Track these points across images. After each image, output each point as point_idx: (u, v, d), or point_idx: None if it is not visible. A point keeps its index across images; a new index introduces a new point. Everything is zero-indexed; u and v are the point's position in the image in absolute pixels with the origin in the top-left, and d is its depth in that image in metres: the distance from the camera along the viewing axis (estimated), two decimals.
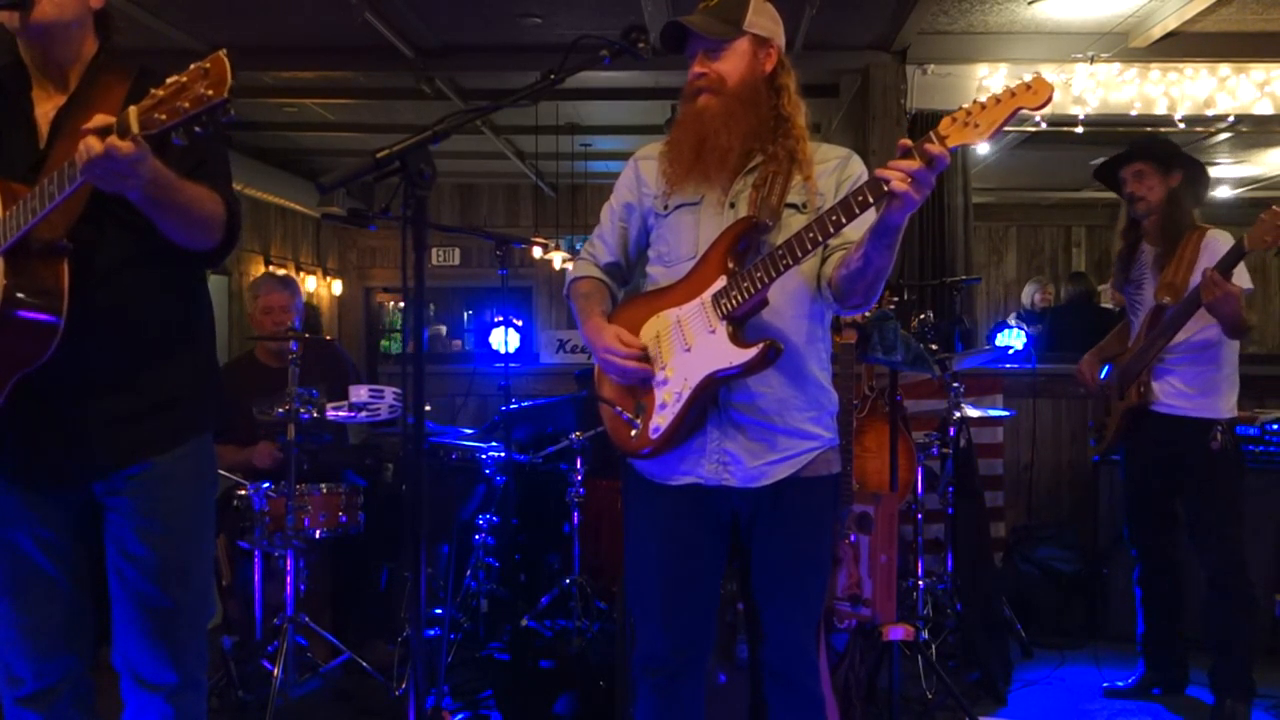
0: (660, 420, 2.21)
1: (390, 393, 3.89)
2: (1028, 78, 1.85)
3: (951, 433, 4.20)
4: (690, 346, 2.18)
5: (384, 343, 11.82)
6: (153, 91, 1.66)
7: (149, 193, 1.83)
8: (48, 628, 2.08)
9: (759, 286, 2.08)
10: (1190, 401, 3.66)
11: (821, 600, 2.40)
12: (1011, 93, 1.83)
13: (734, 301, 2.12)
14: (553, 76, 2.01)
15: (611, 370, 2.28)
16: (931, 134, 1.87)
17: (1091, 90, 6.14)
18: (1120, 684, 3.98)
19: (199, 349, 2.20)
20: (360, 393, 3.85)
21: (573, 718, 3.49)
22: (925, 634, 3.89)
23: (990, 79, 6.15)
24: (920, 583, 4.02)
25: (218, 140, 2.11)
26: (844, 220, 1.97)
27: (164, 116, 1.65)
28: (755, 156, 2.24)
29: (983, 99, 1.86)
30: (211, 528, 2.25)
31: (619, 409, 2.29)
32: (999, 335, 7.78)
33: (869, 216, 2.01)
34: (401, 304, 11.68)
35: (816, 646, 2.34)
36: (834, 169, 2.25)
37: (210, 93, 1.61)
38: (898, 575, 3.71)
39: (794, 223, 2.12)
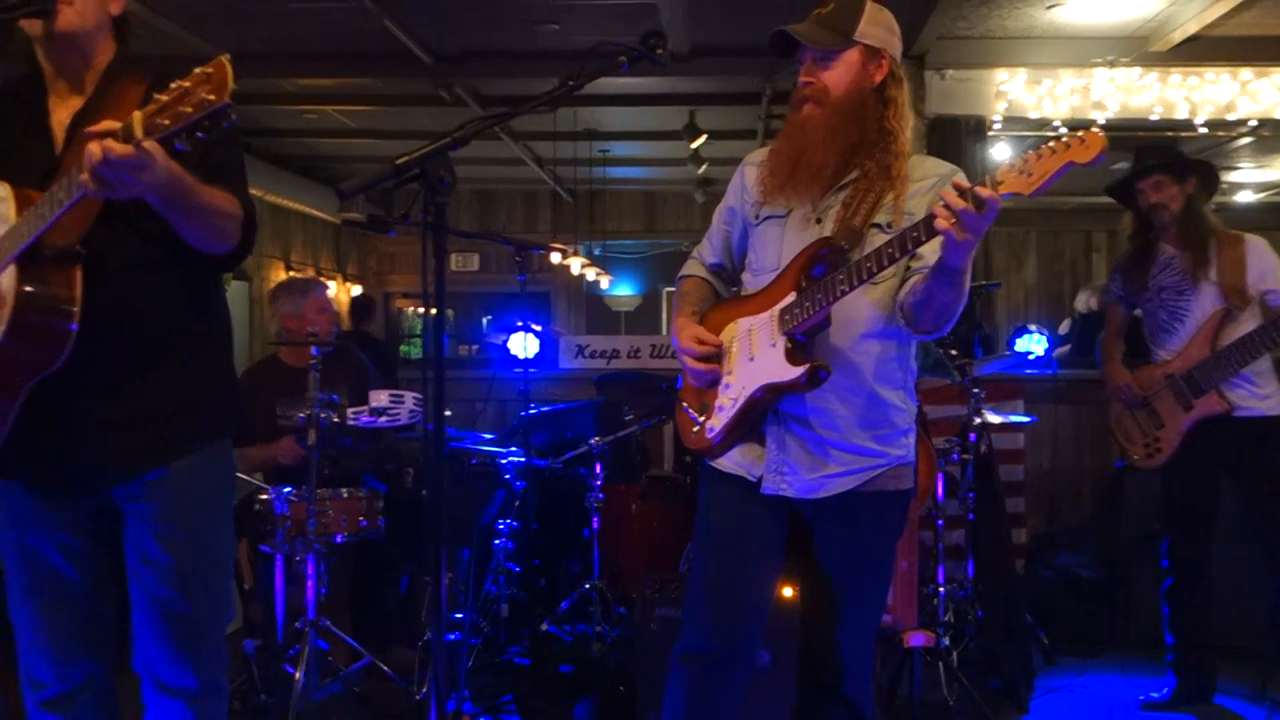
0: (716, 422, 2.27)
1: (410, 397, 3.90)
2: (1075, 132, 1.81)
3: (972, 438, 4.18)
4: (754, 356, 2.22)
5: (404, 348, 11.86)
6: (156, 96, 1.66)
7: (165, 195, 1.83)
8: (69, 632, 2.09)
9: (818, 308, 2.10)
10: (1266, 401, 3.69)
11: (879, 614, 2.39)
12: (1066, 144, 1.81)
13: (796, 318, 2.14)
14: (571, 82, 2.02)
15: (688, 370, 2.35)
16: (986, 178, 1.85)
17: (1111, 95, 6.11)
18: (1155, 695, 3.94)
19: (216, 354, 2.20)
20: (380, 397, 3.86)
21: None
22: (946, 641, 3.86)
23: (1009, 84, 6.12)
24: (941, 589, 4.00)
25: (234, 144, 2.12)
26: (898, 255, 1.98)
27: (167, 121, 1.64)
28: (851, 171, 2.22)
29: (1038, 149, 1.83)
30: (230, 532, 2.25)
31: (687, 406, 2.38)
32: (1019, 341, 7.74)
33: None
34: (421, 309, 11.73)
35: (871, 658, 2.34)
36: (930, 187, 2.20)
37: (212, 97, 1.60)
38: (918, 582, 3.70)
39: (876, 242, 2.09)
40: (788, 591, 2.85)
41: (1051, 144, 1.83)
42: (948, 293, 2.02)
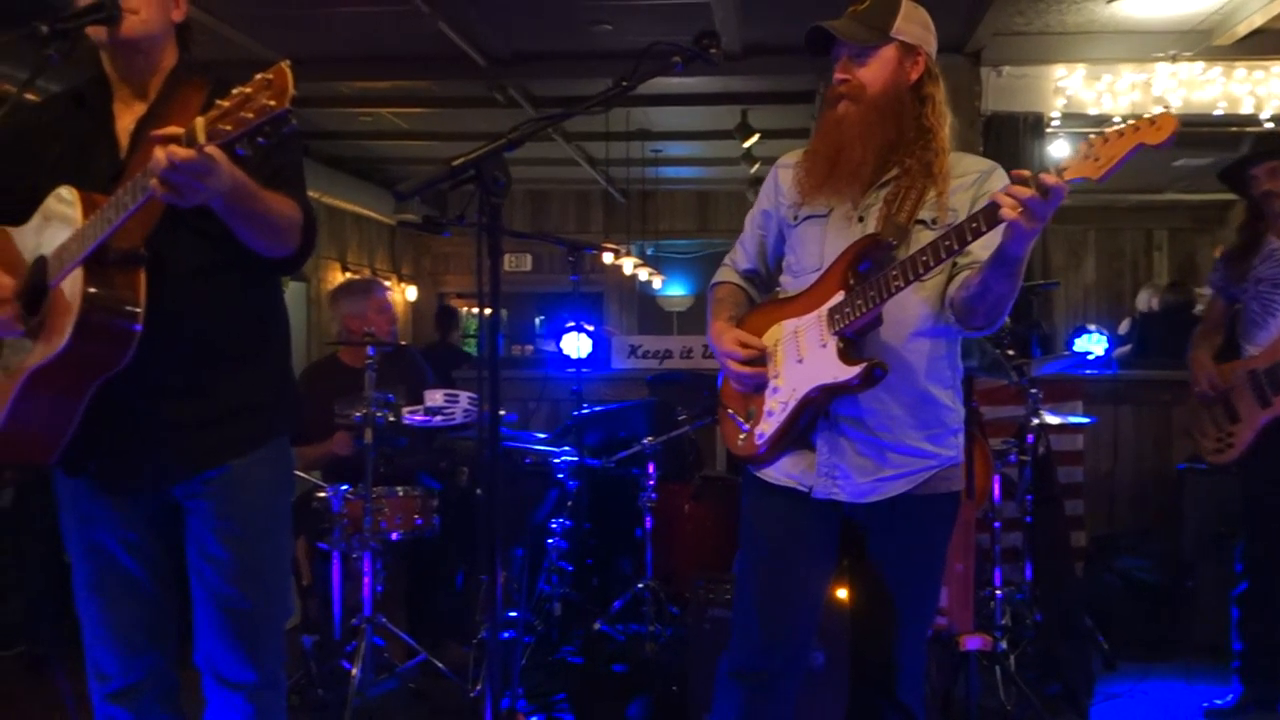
0: (766, 427, 2.22)
1: (465, 397, 3.93)
2: (1155, 109, 1.78)
3: (1030, 440, 4.12)
4: (803, 358, 2.18)
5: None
6: (218, 103, 1.68)
7: (229, 201, 1.86)
8: (133, 626, 2.13)
9: (871, 305, 2.06)
10: None
11: (932, 617, 2.37)
12: (1135, 127, 1.77)
13: (847, 317, 2.10)
14: (625, 83, 2.01)
15: (729, 374, 2.30)
16: (1053, 167, 1.82)
17: (1173, 90, 5.99)
18: (1219, 703, 3.85)
19: (275, 354, 2.23)
20: (435, 397, 3.90)
21: None
22: (1003, 644, 3.81)
23: (1067, 80, 6.03)
24: (998, 592, 3.95)
25: (294, 148, 2.14)
26: (956, 246, 1.94)
27: (229, 127, 1.66)
28: (891, 169, 2.19)
29: (1105, 132, 1.80)
30: (288, 529, 2.28)
31: (733, 413, 2.32)
32: (1078, 340, 7.63)
33: (997, 236, 1.95)
34: (475, 309, 11.82)
35: (923, 663, 2.31)
36: (972, 183, 2.19)
37: (272, 103, 1.62)
38: (975, 584, 3.66)
39: (922, 239, 2.07)
40: (842, 593, 2.83)
41: (1120, 127, 1.79)
42: (1004, 284, 1.98)
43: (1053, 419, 4.27)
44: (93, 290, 1.88)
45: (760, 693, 2.24)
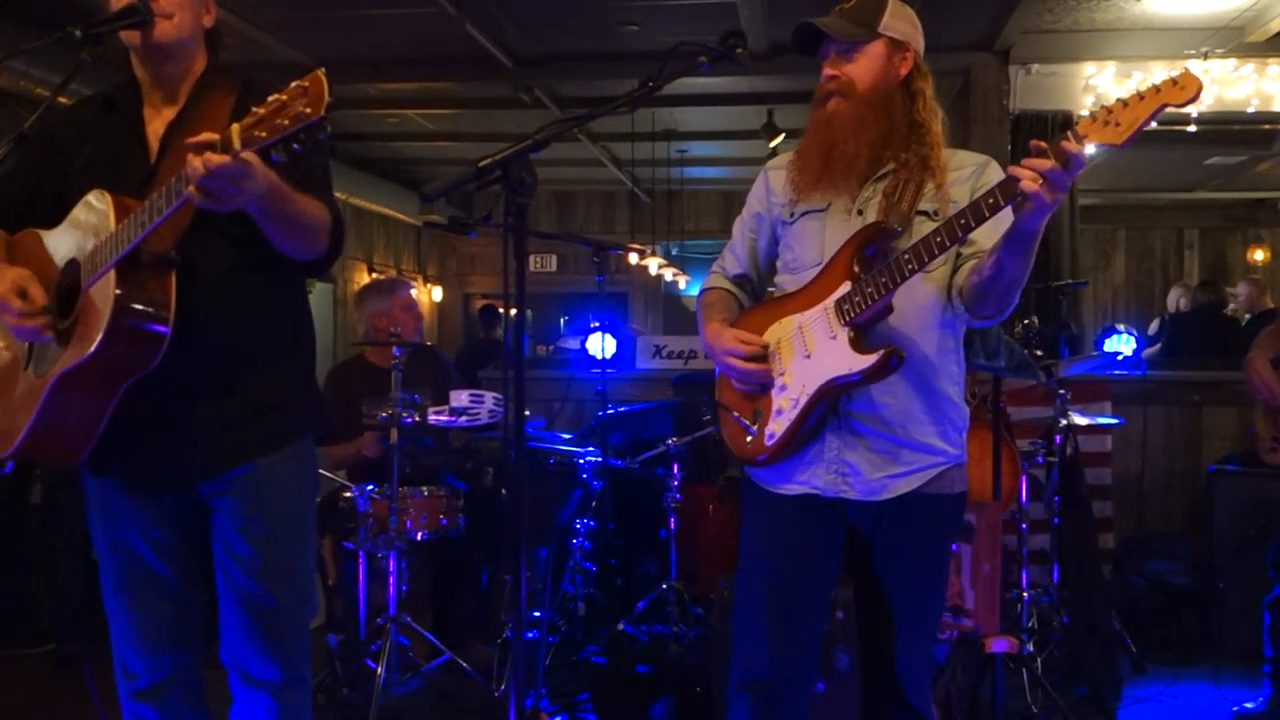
0: (776, 427, 2.16)
1: (490, 397, 3.94)
2: (1170, 73, 1.73)
3: (1058, 441, 4.10)
4: (811, 352, 2.13)
5: None
6: (254, 109, 1.70)
7: (264, 205, 1.88)
8: (160, 625, 2.15)
9: (883, 291, 2.02)
10: None
11: (938, 622, 2.34)
12: (1156, 89, 1.72)
13: (857, 307, 2.05)
14: (651, 84, 2.00)
15: (731, 374, 2.24)
16: (1069, 132, 1.78)
17: (1205, 88, 5.92)
18: (1249, 706, 3.81)
19: (300, 355, 2.25)
20: (461, 397, 3.91)
21: None
22: (1030, 647, 3.78)
23: (1097, 78, 5.98)
24: (1025, 594, 3.92)
25: (323, 152, 2.15)
26: (973, 224, 1.90)
27: (264, 133, 1.68)
28: (887, 163, 2.18)
29: (1124, 95, 1.76)
30: (314, 528, 2.29)
31: (737, 415, 2.26)
32: (1107, 341, 7.56)
33: (1003, 223, 1.93)
34: (500, 309, 11.86)
35: (930, 665, 2.29)
36: (969, 175, 2.17)
37: (308, 110, 1.64)
38: (1001, 586, 3.63)
39: (925, 230, 2.04)
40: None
41: (1140, 89, 1.75)
42: (1018, 264, 1.95)
43: (1081, 420, 4.24)
44: (125, 293, 1.90)
45: (771, 704, 2.21)
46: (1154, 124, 1.75)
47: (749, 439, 2.22)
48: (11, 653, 4.73)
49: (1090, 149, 1.79)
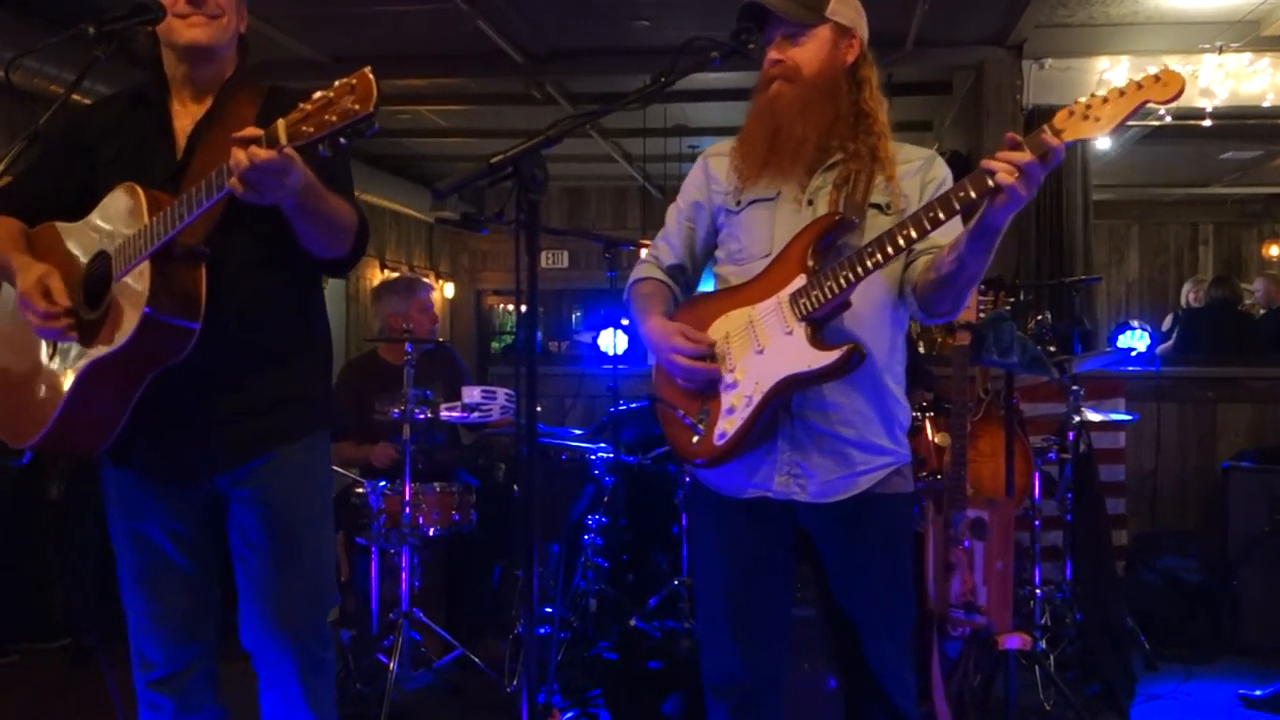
0: (727, 426, 2.06)
1: (502, 394, 3.95)
2: (1153, 69, 1.74)
3: (1070, 437, 4.08)
4: (764, 348, 2.05)
5: (494, 344, 12.01)
6: (301, 105, 1.74)
7: (300, 201, 1.92)
8: (177, 616, 2.18)
9: (843, 285, 1.95)
10: None
11: (910, 618, 2.29)
12: (1138, 85, 1.71)
13: (815, 301, 1.98)
14: (663, 79, 2.00)
15: (677, 372, 2.14)
16: (1045, 127, 1.76)
17: (1220, 82, 5.89)
18: (1259, 693, 3.80)
19: (318, 350, 2.28)
20: (473, 394, 3.92)
21: (681, 719, 3.50)
22: (1043, 644, 3.78)
23: (1111, 72, 5.95)
24: (1038, 591, 3.91)
25: (346, 153, 2.18)
26: (942, 217, 1.86)
27: (311, 129, 1.73)
28: (835, 153, 2.13)
29: (1103, 91, 1.75)
30: (330, 518, 2.32)
31: (683, 413, 2.14)
32: (1121, 337, 7.53)
33: (957, 223, 1.92)
34: (512, 307, 11.86)
35: (909, 663, 2.24)
36: (917, 170, 2.14)
37: (357, 107, 1.69)
38: (1014, 583, 3.62)
39: (878, 224, 2.02)
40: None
41: (1121, 85, 1.73)
42: (979, 261, 1.92)
43: (1094, 416, 4.22)
44: (158, 285, 1.93)
45: (747, 705, 2.18)
46: (1137, 120, 1.75)
47: (696, 439, 2.12)
48: (27, 647, 4.76)
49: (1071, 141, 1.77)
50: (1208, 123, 6.11)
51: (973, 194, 1.82)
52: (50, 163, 2.19)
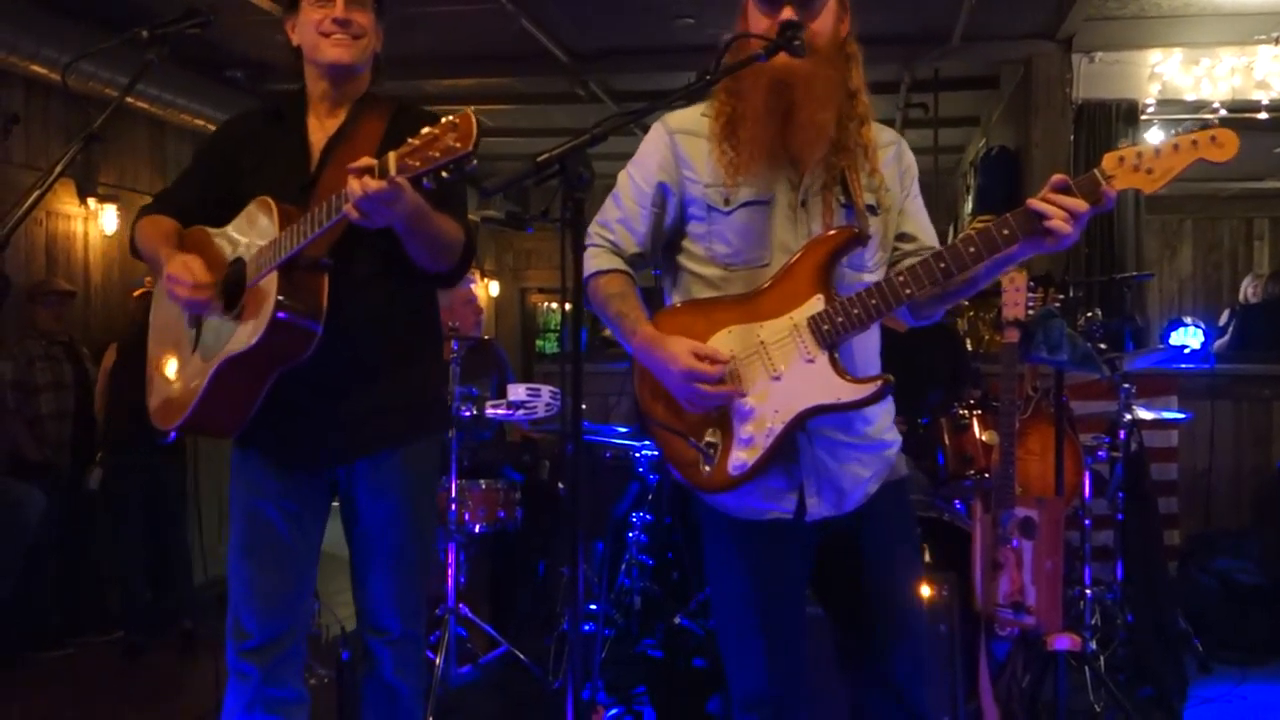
0: (746, 456, 1.92)
1: (547, 391, 3.96)
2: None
3: (1122, 436, 4.03)
4: (781, 374, 1.91)
5: (539, 342, 12.05)
6: (409, 141, 1.88)
7: (408, 224, 2.07)
8: (277, 590, 2.31)
9: (873, 315, 1.88)
10: None
11: (922, 607, 2.24)
12: (1194, 142, 1.72)
13: (841, 329, 1.88)
14: (708, 77, 1.99)
15: (687, 395, 1.93)
16: (1096, 172, 1.75)
17: (1276, 74, 5.78)
18: None
19: (432, 355, 2.47)
20: (518, 391, 3.94)
21: (725, 718, 3.49)
22: (1093, 645, 3.73)
23: (1163, 65, 5.86)
24: (1088, 591, 3.86)
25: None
26: (984, 254, 1.82)
27: (417, 163, 1.86)
28: (829, 145, 1.98)
29: (1157, 145, 1.74)
30: (434, 514, 2.51)
31: (693, 440, 1.96)
32: (1174, 334, 7.41)
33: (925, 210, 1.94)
34: (555, 304, 11.90)
35: (932, 659, 2.21)
36: (894, 157, 2.06)
37: (458, 145, 1.82)
38: (1064, 583, 3.58)
39: (871, 227, 1.96)
40: (926, 590, 2.79)
41: (1177, 140, 1.73)
42: (987, 280, 1.93)
43: (1146, 414, 4.17)
44: (285, 291, 2.10)
45: None
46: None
47: (707, 469, 1.96)
48: (83, 640, 4.86)
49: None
50: (1263, 115, 6.00)
51: (1018, 233, 1.80)
52: (197, 175, 2.41)
